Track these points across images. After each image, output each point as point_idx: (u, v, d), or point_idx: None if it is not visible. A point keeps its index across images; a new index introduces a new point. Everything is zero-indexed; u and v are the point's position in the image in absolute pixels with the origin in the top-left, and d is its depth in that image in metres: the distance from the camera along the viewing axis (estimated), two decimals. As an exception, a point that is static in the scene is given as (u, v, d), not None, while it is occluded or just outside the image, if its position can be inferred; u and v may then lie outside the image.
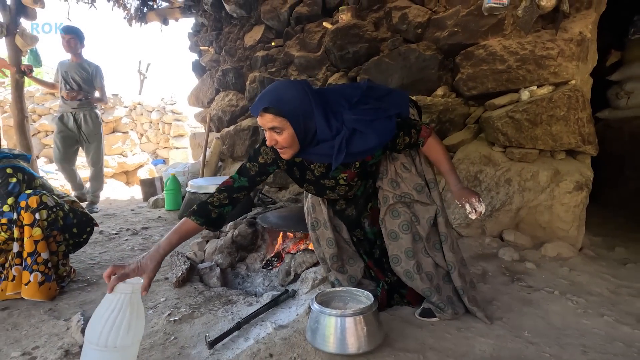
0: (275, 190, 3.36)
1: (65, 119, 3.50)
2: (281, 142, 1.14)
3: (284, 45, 3.30)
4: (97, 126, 3.61)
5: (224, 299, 1.65)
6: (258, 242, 2.25)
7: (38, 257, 1.49)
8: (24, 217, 1.46)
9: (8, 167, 1.53)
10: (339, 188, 1.34)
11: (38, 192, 1.50)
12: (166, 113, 9.10)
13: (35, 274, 1.48)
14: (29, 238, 1.47)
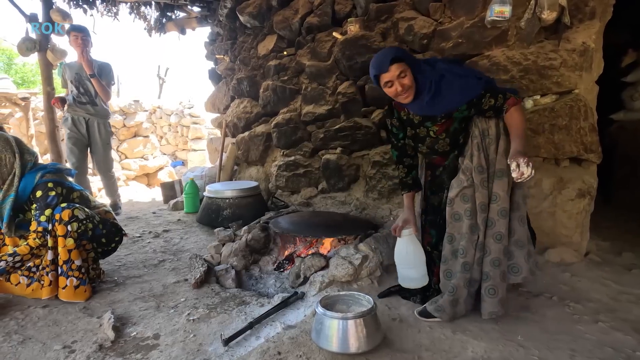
0: (288, 194, 3.48)
1: (77, 123, 3.40)
2: (407, 82, 1.39)
3: (295, 54, 3.42)
4: (108, 136, 3.57)
5: (238, 299, 1.78)
6: (270, 246, 2.38)
7: (72, 264, 1.66)
8: (57, 228, 1.63)
9: (50, 181, 1.68)
10: (429, 140, 1.57)
11: (71, 206, 1.66)
12: (184, 116, 9.39)
13: (71, 279, 1.66)
14: (63, 247, 1.64)
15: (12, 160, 1.68)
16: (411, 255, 1.58)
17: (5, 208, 1.66)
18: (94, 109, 3.39)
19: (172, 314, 1.61)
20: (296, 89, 3.41)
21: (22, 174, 1.69)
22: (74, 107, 3.33)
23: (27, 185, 1.68)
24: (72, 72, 3.33)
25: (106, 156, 3.56)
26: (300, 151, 3.34)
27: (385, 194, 2.77)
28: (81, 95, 3.33)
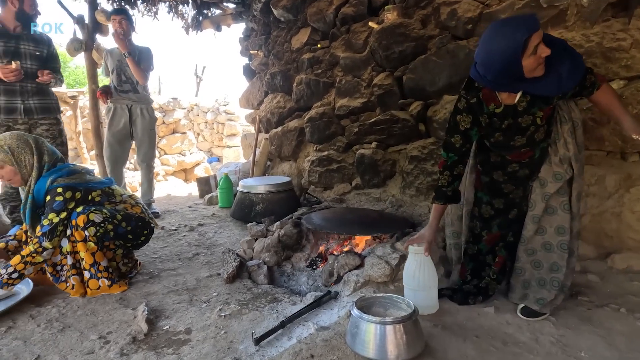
0: (321, 190, 3.41)
1: (120, 111, 3.27)
2: (548, 51, 1.18)
3: (329, 46, 3.33)
4: (152, 122, 3.40)
5: (270, 296, 1.73)
6: (303, 242, 2.32)
7: (99, 266, 1.67)
8: (75, 235, 1.63)
9: (60, 186, 1.64)
10: (531, 130, 1.37)
11: (86, 211, 1.63)
12: (220, 113, 9.61)
13: (102, 280, 1.67)
14: (85, 252, 1.64)
15: (31, 162, 1.68)
16: (421, 276, 1.45)
17: (27, 210, 1.69)
18: (136, 96, 3.28)
19: (204, 308, 1.59)
20: (330, 82, 3.33)
21: (38, 176, 1.68)
22: (116, 95, 3.24)
23: (41, 189, 1.67)
24: (114, 59, 3.24)
25: (150, 144, 3.40)
26: (334, 146, 3.26)
27: (423, 191, 2.62)
28: (123, 83, 3.24)
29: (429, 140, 2.60)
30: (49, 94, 2.73)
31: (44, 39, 2.72)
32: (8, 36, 2.52)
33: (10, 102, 2.55)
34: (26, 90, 2.58)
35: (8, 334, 1.35)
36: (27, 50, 2.58)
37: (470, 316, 1.43)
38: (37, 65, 2.61)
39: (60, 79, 2.78)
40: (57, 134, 2.73)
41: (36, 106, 2.63)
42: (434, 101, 2.54)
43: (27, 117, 2.59)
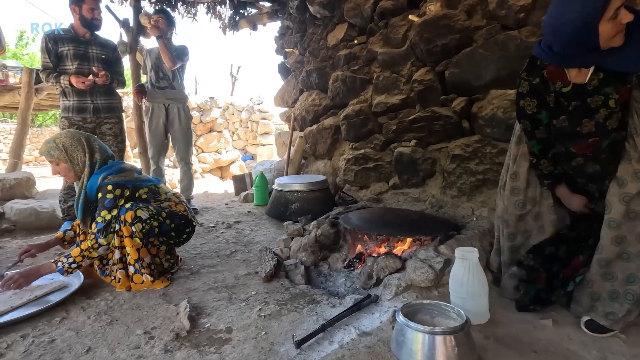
0: (356, 189, 3.35)
1: (157, 111, 3.38)
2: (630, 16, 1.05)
3: (366, 42, 3.25)
4: (188, 121, 3.50)
5: (308, 297, 1.70)
6: (340, 243, 2.27)
7: (142, 262, 1.72)
8: (123, 230, 1.68)
9: (109, 183, 1.70)
10: (602, 113, 1.23)
11: (134, 207, 1.68)
12: (254, 112, 9.77)
13: (145, 275, 1.72)
14: (131, 247, 1.69)
15: (83, 160, 1.75)
16: (470, 283, 1.36)
17: (79, 205, 1.77)
18: (172, 92, 3.39)
19: (243, 307, 1.59)
20: (367, 79, 3.25)
21: (90, 173, 1.75)
22: (153, 93, 3.36)
23: (93, 186, 1.73)
24: (152, 57, 3.38)
25: (187, 141, 3.49)
26: (371, 144, 3.18)
27: (466, 191, 2.49)
28: (160, 79, 3.36)
29: (473, 138, 2.46)
30: (114, 94, 2.92)
31: (110, 44, 2.93)
32: (78, 41, 2.72)
33: (81, 101, 2.74)
34: (95, 90, 2.76)
35: (62, 325, 1.41)
36: (95, 53, 2.78)
37: (525, 328, 1.32)
38: (104, 68, 2.78)
39: (122, 80, 2.98)
40: (119, 132, 2.90)
41: (103, 105, 2.81)
42: (480, 96, 2.40)
43: (95, 116, 2.78)
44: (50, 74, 2.68)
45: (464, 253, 1.40)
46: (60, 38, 2.68)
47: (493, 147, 2.32)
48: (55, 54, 2.69)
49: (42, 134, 14.00)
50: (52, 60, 2.69)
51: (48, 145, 1.72)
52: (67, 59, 2.69)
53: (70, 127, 2.71)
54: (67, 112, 2.75)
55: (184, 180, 3.58)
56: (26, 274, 1.60)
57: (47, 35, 2.67)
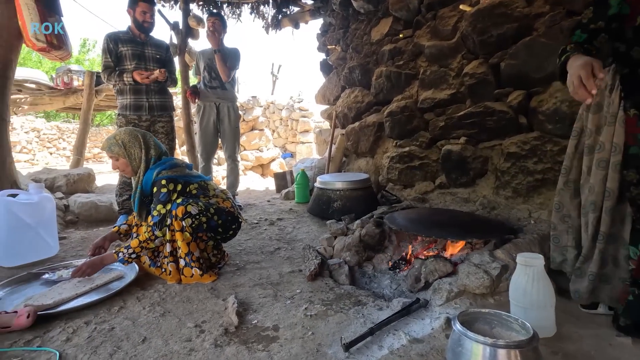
0: (400, 188, 3.25)
1: (208, 109, 3.48)
2: None
3: (412, 35, 3.14)
4: (237, 119, 3.59)
5: (353, 298, 1.66)
6: (385, 243, 2.21)
7: (192, 256, 1.77)
8: (174, 224, 1.73)
9: (163, 178, 1.78)
10: None
11: (185, 202, 1.73)
12: (294, 110, 9.86)
13: (195, 269, 1.77)
14: (182, 241, 1.74)
15: (140, 155, 1.84)
16: (534, 292, 1.24)
17: (136, 199, 1.86)
18: (223, 92, 3.48)
19: (289, 305, 1.58)
20: (412, 74, 3.13)
21: (146, 168, 1.83)
22: (205, 93, 3.46)
23: (148, 180, 1.81)
24: (205, 58, 3.47)
25: (235, 140, 3.60)
26: (416, 141, 3.07)
27: (522, 192, 2.32)
28: (212, 79, 3.45)
29: (531, 135, 2.28)
30: (167, 93, 3.06)
31: (163, 45, 3.07)
32: (135, 42, 2.88)
33: (137, 100, 2.89)
34: (150, 89, 2.91)
35: (120, 313, 1.48)
36: (150, 53, 2.93)
37: (599, 346, 1.19)
38: (158, 67, 2.93)
39: (174, 79, 3.12)
40: (170, 130, 3.04)
41: (157, 104, 2.95)
42: (540, 89, 2.21)
43: (149, 114, 2.92)
44: (111, 73, 2.85)
45: (528, 259, 1.29)
46: (119, 39, 2.84)
47: (554, 145, 2.13)
48: (116, 54, 2.85)
49: (100, 133, 15.12)
50: (113, 60, 2.85)
51: (109, 141, 1.83)
52: (126, 59, 2.84)
53: (126, 124, 2.87)
54: (124, 110, 2.90)
55: (230, 177, 3.67)
56: (92, 264, 1.71)
57: (108, 36, 2.84)
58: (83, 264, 1.68)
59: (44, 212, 2.20)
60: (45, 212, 2.21)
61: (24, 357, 1.20)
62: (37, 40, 2.28)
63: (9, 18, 2.29)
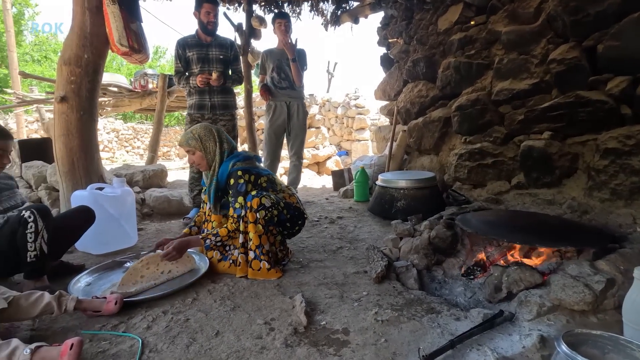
0: (469, 188, 3.02)
1: (279, 108, 3.49)
2: None
3: (486, 22, 2.89)
4: (305, 118, 3.61)
5: (425, 305, 1.55)
6: (457, 247, 2.04)
7: (262, 248, 1.77)
8: (248, 216, 1.74)
9: (239, 169, 1.82)
10: None
11: (259, 195, 1.75)
12: (350, 108, 9.77)
13: (263, 262, 1.76)
14: (254, 233, 1.75)
15: (214, 149, 1.90)
16: None
17: (211, 191, 1.91)
18: (293, 92, 3.50)
19: (356, 308, 1.51)
20: (485, 64, 2.89)
21: (220, 161, 1.89)
22: (275, 93, 3.47)
23: (224, 172, 1.86)
24: (273, 58, 3.45)
25: (302, 138, 3.61)
26: (489, 137, 2.82)
27: (623, 194, 2.01)
28: (282, 80, 3.45)
29: (636, 128, 1.96)
30: (229, 93, 3.13)
31: (227, 44, 3.07)
32: (200, 45, 2.97)
33: (201, 99, 3.00)
34: (213, 89, 2.99)
35: (194, 305, 1.53)
36: (214, 55, 2.99)
37: None
38: (222, 67, 3.01)
39: (240, 77, 3.15)
40: (231, 128, 3.13)
41: (219, 103, 3.03)
42: (650, 74, 1.89)
43: (211, 112, 3.01)
44: (181, 77, 3.00)
45: None
46: (187, 44, 2.97)
47: (669, 139, 1.81)
48: (185, 59, 2.99)
49: (168, 134, 16.35)
50: (182, 64, 3.00)
51: (186, 135, 1.91)
52: (193, 63, 2.96)
53: (191, 122, 2.99)
54: (190, 109, 3.05)
55: (292, 173, 3.67)
56: (179, 247, 1.75)
57: (178, 42, 2.99)
58: (172, 247, 1.72)
59: (125, 204, 2.38)
60: (127, 204, 2.38)
61: (112, 340, 1.27)
62: (121, 45, 2.48)
63: (99, 26, 2.51)
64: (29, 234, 1.59)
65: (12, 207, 1.74)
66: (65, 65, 2.52)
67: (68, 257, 2.16)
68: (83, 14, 2.49)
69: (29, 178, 3.59)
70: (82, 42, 2.52)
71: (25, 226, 1.59)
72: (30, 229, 1.59)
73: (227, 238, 1.79)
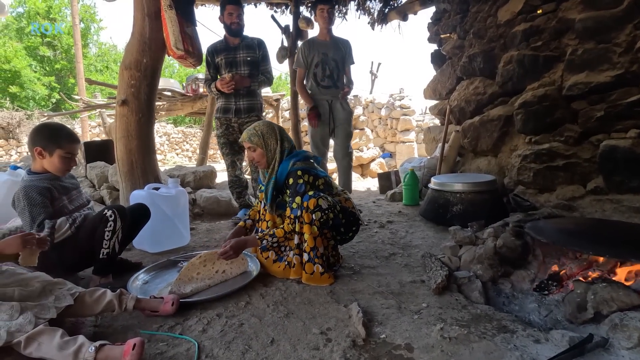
0: (534, 192, 2.75)
1: (322, 109, 3.23)
2: None
3: (556, 9, 2.62)
4: (350, 115, 3.34)
5: (495, 322, 1.39)
6: (528, 258, 1.84)
7: (317, 251, 1.69)
8: (304, 216, 1.67)
9: (299, 169, 1.76)
10: None
11: (316, 195, 1.68)
12: (394, 109, 9.52)
13: (317, 266, 1.69)
14: (309, 235, 1.68)
15: (275, 146, 1.85)
16: None
17: (269, 189, 1.85)
18: (336, 91, 3.25)
19: (417, 321, 1.39)
20: (555, 56, 2.62)
21: (280, 159, 1.84)
22: (316, 90, 3.22)
23: (283, 171, 1.81)
24: (317, 51, 3.13)
25: (349, 137, 3.36)
26: (559, 136, 2.55)
27: None
28: (325, 77, 3.18)
29: None
30: (255, 96, 2.98)
31: (255, 44, 2.91)
32: (228, 49, 2.89)
33: (227, 103, 2.92)
34: (239, 93, 2.88)
35: (247, 309, 1.49)
36: (242, 57, 2.88)
37: None
38: (250, 69, 2.88)
39: (269, 78, 2.98)
40: None
41: (244, 106, 2.91)
42: None
43: (237, 116, 2.91)
44: (209, 85, 2.92)
45: None
46: (216, 50, 2.90)
47: None
48: (214, 66, 2.93)
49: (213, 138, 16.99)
50: (211, 72, 2.93)
51: (249, 132, 1.86)
52: (222, 68, 2.88)
53: (220, 126, 2.95)
54: (217, 113, 2.98)
55: (342, 176, 3.42)
56: (236, 246, 1.72)
57: (207, 49, 2.94)
58: (229, 246, 1.70)
59: (179, 204, 2.43)
60: (180, 204, 2.44)
61: (169, 342, 1.26)
62: (177, 48, 2.55)
63: (157, 31, 2.61)
64: (107, 232, 1.66)
65: (81, 205, 1.83)
66: (126, 70, 2.64)
67: (126, 254, 2.24)
68: (143, 20, 2.60)
69: (93, 178, 3.84)
70: (141, 47, 2.63)
71: (106, 224, 1.66)
72: (109, 227, 1.66)
73: (284, 239, 1.74)
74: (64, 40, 16.25)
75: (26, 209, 1.59)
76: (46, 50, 15.93)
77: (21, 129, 11.02)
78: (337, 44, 3.20)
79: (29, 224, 1.60)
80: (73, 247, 1.68)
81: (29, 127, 10.83)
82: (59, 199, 1.71)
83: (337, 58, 3.20)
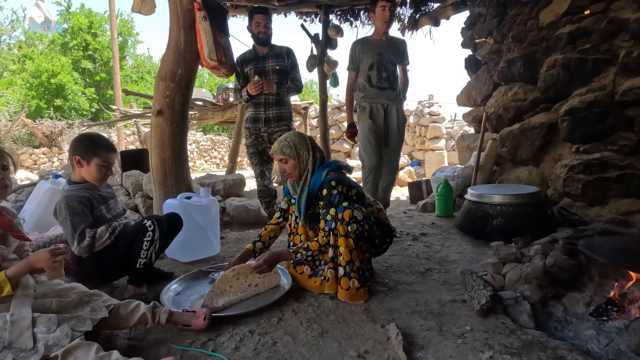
0: (583, 205, 2.55)
1: (375, 112, 2.98)
2: None
3: (606, 9, 2.45)
4: (404, 126, 3.11)
5: (549, 351, 1.26)
6: (583, 279, 1.68)
7: (353, 265, 1.61)
8: (339, 228, 1.60)
9: (333, 179, 1.69)
10: None
11: (351, 207, 1.60)
12: (423, 116, 9.32)
13: (353, 280, 1.61)
14: (345, 248, 1.60)
15: (307, 157, 1.79)
16: None
17: (302, 201, 1.79)
18: (393, 93, 3.00)
19: (462, 346, 1.29)
20: (605, 59, 2.44)
21: (313, 170, 1.78)
22: (370, 93, 2.98)
23: (316, 182, 1.74)
24: (371, 51, 2.94)
25: (400, 148, 3.14)
26: (613, 145, 2.36)
27: None
28: (382, 80, 2.95)
29: None
30: (285, 104, 2.92)
31: (283, 52, 2.88)
32: (257, 59, 2.86)
33: (256, 112, 2.87)
34: (268, 102, 2.83)
35: (279, 326, 1.44)
36: (271, 66, 2.84)
37: None
38: (279, 78, 2.84)
39: (298, 85, 2.95)
40: None
41: (273, 115, 2.85)
42: None
43: (266, 126, 2.86)
44: (238, 93, 2.91)
45: None
46: (245, 60, 2.89)
47: None
48: (244, 76, 2.91)
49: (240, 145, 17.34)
50: (241, 82, 2.91)
51: (280, 143, 1.80)
52: (251, 78, 2.83)
53: (250, 136, 2.92)
54: (246, 122, 2.94)
55: (383, 192, 3.13)
56: (269, 260, 1.67)
57: (236, 60, 2.92)
58: (262, 260, 1.65)
59: (210, 213, 2.43)
60: (212, 214, 2.44)
61: (201, 359, 1.23)
62: (211, 59, 2.59)
63: (191, 43, 2.67)
64: (145, 242, 1.67)
65: (118, 214, 1.85)
66: (162, 81, 2.71)
67: (158, 263, 2.25)
68: (178, 32, 2.66)
69: (128, 186, 3.96)
70: (176, 59, 2.69)
71: (145, 234, 1.68)
72: (148, 237, 1.68)
73: (318, 252, 1.68)
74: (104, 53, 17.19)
75: (67, 218, 1.63)
76: (87, 63, 16.90)
77: (63, 137, 11.69)
78: (394, 44, 3.02)
79: (70, 233, 1.63)
80: (111, 256, 1.70)
81: (70, 135, 11.47)
82: (97, 208, 1.74)
83: (394, 59, 3.00)
